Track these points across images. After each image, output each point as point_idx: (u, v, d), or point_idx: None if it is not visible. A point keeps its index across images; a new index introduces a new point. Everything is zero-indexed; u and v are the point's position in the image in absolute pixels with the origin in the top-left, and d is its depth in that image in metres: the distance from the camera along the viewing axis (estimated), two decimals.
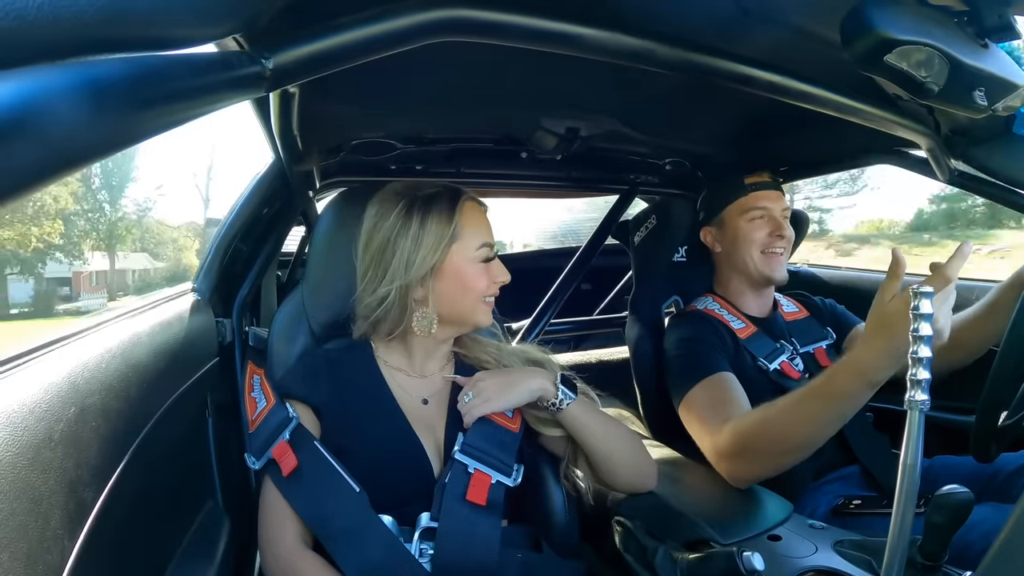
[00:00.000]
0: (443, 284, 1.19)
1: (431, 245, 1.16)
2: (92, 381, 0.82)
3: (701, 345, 1.59)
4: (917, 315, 0.71)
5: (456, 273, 1.19)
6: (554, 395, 1.17)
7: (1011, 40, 0.89)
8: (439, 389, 1.27)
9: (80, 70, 0.39)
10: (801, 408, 1.21)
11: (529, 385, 1.18)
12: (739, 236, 1.71)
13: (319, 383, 1.21)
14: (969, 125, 1.24)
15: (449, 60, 1.16)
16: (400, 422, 1.19)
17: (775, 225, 1.68)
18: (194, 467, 1.27)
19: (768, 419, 1.26)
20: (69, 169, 0.39)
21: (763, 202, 1.69)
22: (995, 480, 1.42)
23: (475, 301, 1.21)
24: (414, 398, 1.24)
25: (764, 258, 1.68)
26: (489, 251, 1.21)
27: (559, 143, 1.71)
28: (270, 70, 0.68)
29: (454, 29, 0.80)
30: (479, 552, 1.09)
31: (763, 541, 1.16)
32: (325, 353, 1.28)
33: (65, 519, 0.71)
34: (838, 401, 1.16)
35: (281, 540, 1.09)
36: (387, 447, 1.17)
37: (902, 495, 0.70)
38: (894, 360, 1.07)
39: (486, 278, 1.21)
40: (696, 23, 0.96)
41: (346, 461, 1.12)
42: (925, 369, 0.70)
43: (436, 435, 1.21)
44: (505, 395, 1.17)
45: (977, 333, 1.50)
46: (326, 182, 1.92)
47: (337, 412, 1.19)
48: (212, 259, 1.53)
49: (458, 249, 1.18)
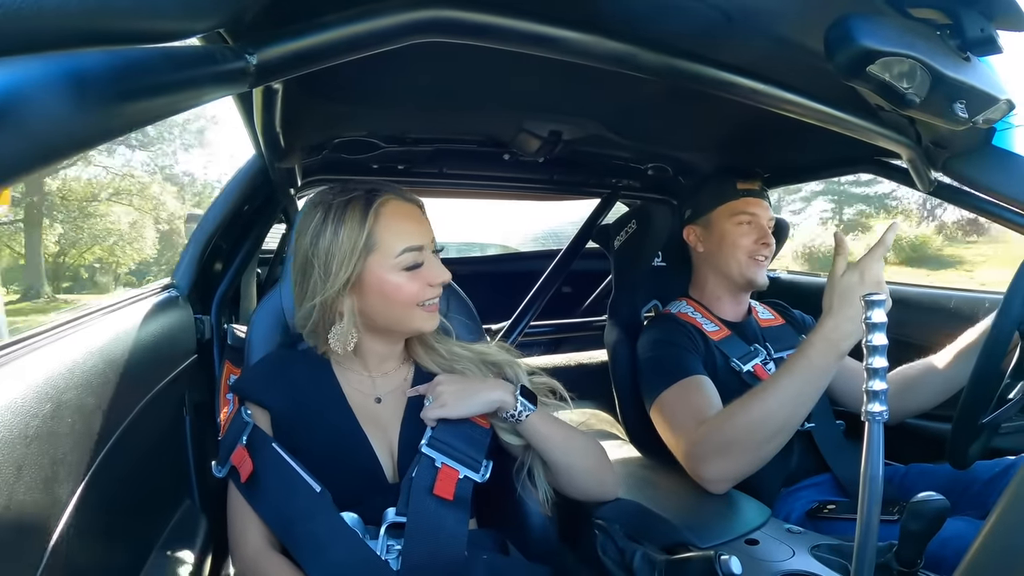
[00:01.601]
0: (365, 296, 1.15)
1: (343, 258, 1.10)
2: (69, 377, 0.81)
3: (673, 348, 1.60)
4: (870, 324, 0.72)
5: (377, 284, 1.13)
6: (512, 407, 1.16)
7: (993, 54, 0.90)
8: (394, 388, 1.25)
9: (62, 62, 0.39)
10: (779, 389, 1.26)
11: (488, 397, 1.16)
12: (725, 239, 1.72)
13: (274, 385, 1.19)
14: (950, 137, 1.25)
15: (433, 61, 1.16)
16: (349, 421, 1.18)
17: (761, 233, 1.69)
18: (171, 465, 1.26)
19: (747, 407, 1.29)
20: (49, 161, 0.39)
21: (752, 208, 1.70)
22: (971, 489, 1.44)
23: (405, 309, 1.16)
24: (367, 397, 1.22)
25: (749, 262, 1.69)
26: (415, 256, 1.14)
27: (542, 146, 1.71)
28: (254, 66, 0.68)
29: (438, 29, 0.80)
30: (447, 547, 1.08)
31: (741, 545, 1.17)
32: (284, 354, 1.27)
33: (40, 516, 0.70)
34: (813, 375, 1.25)
35: (246, 542, 1.09)
36: (335, 445, 1.16)
37: (865, 504, 0.71)
38: (858, 326, 1.18)
39: (414, 285, 1.14)
40: (679, 29, 0.97)
41: (298, 461, 1.11)
42: (882, 380, 0.71)
43: (388, 434, 1.20)
44: (462, 403, 1.16)
45: (940, 379, 1.55)
46: (308, 180, 1.91)
47: (290, 413, 1.17)
48: (192, 255, 1.52)
49: (376, 259, 1.12)
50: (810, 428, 1.59)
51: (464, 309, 1.49)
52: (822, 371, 1.24)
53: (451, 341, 1.32)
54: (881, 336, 0.71)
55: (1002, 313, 1.11)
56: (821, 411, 1.63)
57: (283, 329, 1.35)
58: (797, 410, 1.27)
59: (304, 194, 2.00)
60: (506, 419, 1.18)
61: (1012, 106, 1.01)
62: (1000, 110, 1.01)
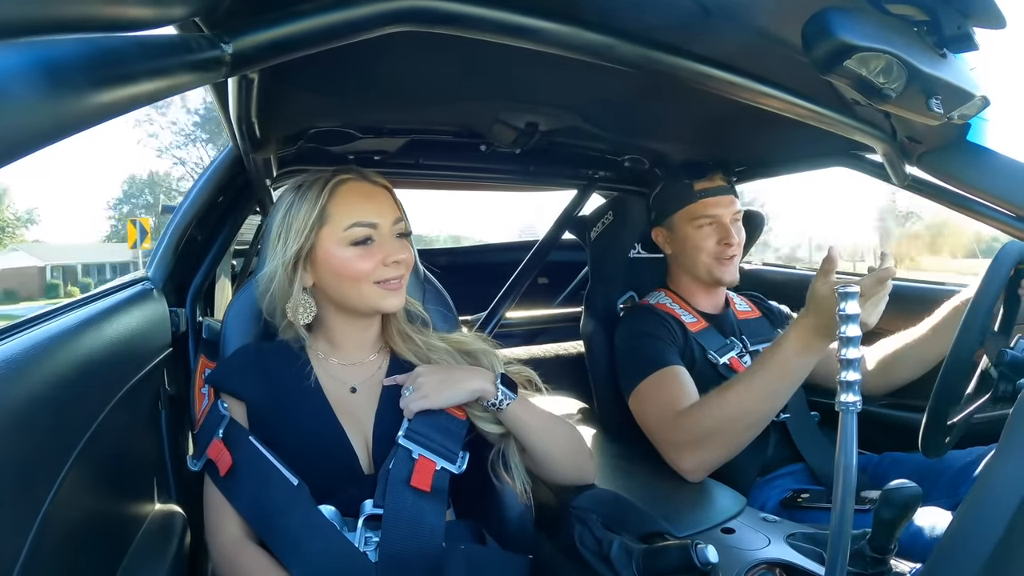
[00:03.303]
0: (319, 271, 1.17)
1: (299, 228, 1.14)
2: (41, 371, 0.80)
3: (651, 339, 1.61)
4: (843, 316, 0.72)
5: (326, 257, 1.15)
6: (494, 395, 1.16)
7: (969, 51, 0.91)
8: (368, 377, 1.25)
9: (34, 49, 0.38)
10: (754, 383, 1.30)
11: (469, 385, 1.17)
12: (688, 242, 1.73)
13: (249, 376, 1.19)
14: (925, 132, 1.26)
15: (409, 50, 1.16)
16: (323, 410, 1.18)
17: (723, 233, 1.68)
18: (147, 460, 1.24)
19: (724, 400, 1.32)
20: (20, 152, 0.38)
21: (712, 209, 1.69)
22: (943, 477, 1.47)
23: (357, 285, 1.16)
24: (342, 386, 1.22)
25: (715, 262, 1.70)
26: (364, 231, 1.15)
27: (518, 137, 1.71)
28: (230, 55, 0.67)
29: (415, 19, 0.80)
30: (425, 538, 1.09)
31: (717, 534, 1.17)
32: (260, 346, 1.27)
33: (16, 514, 0.69)
34: (788, 370, 1.29)
35: (223, 534, 1.10)
36: (310, 436, 1.16)
37: (839, 493, 0.72)
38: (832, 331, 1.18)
39: (366, 262, 1.14)
40: (656, 21, 0.97)
41: (274, 452, 1.11)
42: (855, 371, 0.71)
43: (362, 424, 1.20)
44: (443, 393, 1.16)
45: (919, 353, 1.58)
46: (284, 171, 1.90)
47: (265, 403, 1.17)
48: (166, 246, 1.51)
49: (327, 232, 1.14)
50: (785, 419, 1.61)
51: (440, 299, 1.48)
52: (797, 368, 1.29)
53: (429, 332, 1.32)
54: (855, 328, 0.72)
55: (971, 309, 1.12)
56: (796, 402, 1.64)
57: (258, 322, 1.34)
58: (772, 404, 1.31)
59: (279, 185, 1.98)
60: (487, 408, 1.18)
61: (987, 102, 1.03)
62: (975, 106, 1.03)
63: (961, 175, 1.31)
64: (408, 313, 1.32)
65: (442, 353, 1.27)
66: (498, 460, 1.23)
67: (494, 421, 1.20)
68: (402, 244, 1.19)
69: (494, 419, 1.20)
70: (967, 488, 0.79)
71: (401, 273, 1.19)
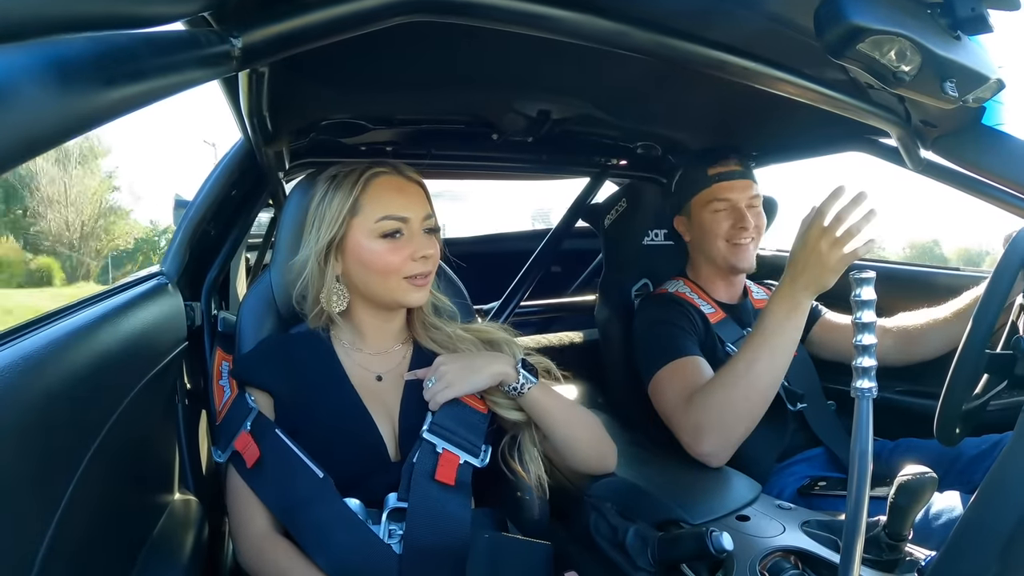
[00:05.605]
0: (348, 261, 1.18)
1: (332, 219, 1.16)
2: (59, 368, 0.80)
3: (672, 328, 1.61)
4: (858, 302, 0.72)
5: (356, 248, 1.16)
6: (515, 379, 1.17)
7: (983, 33, 0.89)
8: (394, 366, 1.26)
9: (45, 49, 0.39)
10: (755, 354, 1.34)
11: (492, 369, 1.17)
12: (704, 228, 1.72)
13: (274, 367, 1.20)
14: (940, 115, 1.25)
15: (420, 41, 1.15)
16: (352, 399, 1.19)
17: (738, 216, 1.68)
18: (165, 454, 1.25)
19: (730, 376, 1.36)
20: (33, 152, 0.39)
21: (726, 193, 1.69)
22: (957, 464, 1.46)
23: (385, 278, 1.17)
24: (368, 374, 1.23)
25: (730, 247, 1.69)
26: (394, 224, 1.16)
27: (530, 125, 1.71)
28: (239, 49, 0.67)
29: (425, 9, 0.79)
30: (450, 531, 1.10)
31: (732, 521, 1.18)
32: (282, 337, 1.28)
33: (37, 506, 0.70)
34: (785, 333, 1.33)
35: (252, 523, 1.11)
36: (340, 424, 1.17)
37: (854, 480, 0.71)
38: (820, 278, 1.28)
39: (395, 256, 1.16)
40: (670, 7, 0.96)
41: (300, 441, 1.12)
42: (870, 357, 0.71)
43: (390, 412, 1.21)
44: (467, 379, 1.17)
45: (941, 334, 1.59)
46: (296, 163, 1.89)
47: (291, 394, 1.18)
48: (180, 241, 1.51)
49: (358, 223, 1.16)
50: (802, 408, 1.60)
51: (455, 290, 1.49)
52: (790, 330, 1.34)
53: (453, 323, 1.33)
54: (871, 313, 0.72)
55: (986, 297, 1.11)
56: (812, 392, 1.65)
57: (274, 315, 1.34)
58: (774, 371, 1.34)
59: (292, 177, 1.98)
60: (508, 393, 1.18)
61: (1002, 85, 1.01)
62: (990, 89, 1.01)
63: (976, 159, 1.30)
64: (435, 308, 1.33)
65: (467, 343, 1.28)
66: (513, 451, 1.23)
67: (515, 408, 1.21)
68: (430, 240, 1.20)
69: (515, 406, 1.21)
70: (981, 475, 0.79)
71: (429, 269, 1.20)
